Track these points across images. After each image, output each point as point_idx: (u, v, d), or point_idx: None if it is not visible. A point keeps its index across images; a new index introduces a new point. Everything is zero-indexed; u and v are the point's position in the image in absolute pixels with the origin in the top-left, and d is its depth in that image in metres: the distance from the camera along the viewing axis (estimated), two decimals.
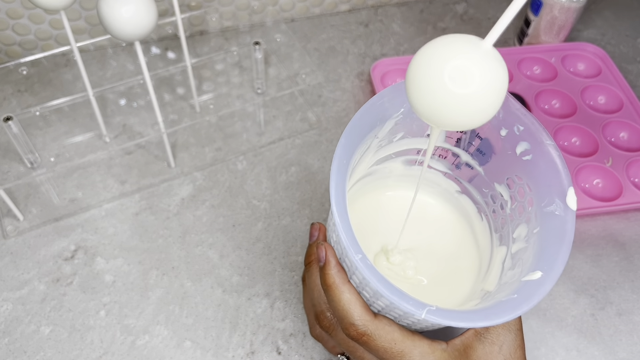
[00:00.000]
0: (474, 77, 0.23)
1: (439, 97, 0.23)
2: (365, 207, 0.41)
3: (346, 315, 0.31)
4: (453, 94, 0.23)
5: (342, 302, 0.32)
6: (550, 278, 0.28)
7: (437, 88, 0.23)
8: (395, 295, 0.27)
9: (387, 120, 0.34)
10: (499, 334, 0.32)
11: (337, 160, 0.30)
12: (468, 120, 0.24)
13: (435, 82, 0.23)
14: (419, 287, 0.38)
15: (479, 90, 0.23)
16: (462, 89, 0.23)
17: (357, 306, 0.31)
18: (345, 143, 0.31)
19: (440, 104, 0.23)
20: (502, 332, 0.32)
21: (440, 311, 0.27)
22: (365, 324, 0.31)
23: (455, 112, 0.24)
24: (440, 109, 0.24)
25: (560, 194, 0.31)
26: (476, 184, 0.39)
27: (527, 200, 0.33)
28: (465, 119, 0.24)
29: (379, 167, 0.40)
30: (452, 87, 0.23)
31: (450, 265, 0.39)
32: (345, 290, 0.32)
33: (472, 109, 0.24)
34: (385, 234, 0.40)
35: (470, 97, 0.23)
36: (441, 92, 0.23)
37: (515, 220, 0.35)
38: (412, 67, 0.24)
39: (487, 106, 0.24)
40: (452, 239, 0.41)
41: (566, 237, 0.29)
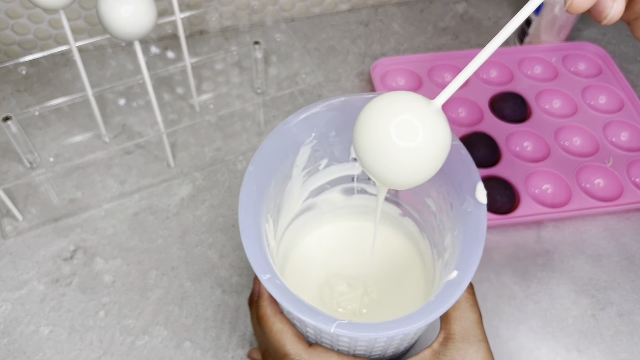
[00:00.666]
0: (418, 132, 0.23)
1: (385, 149, 0.23)
2: (313, 241, 0.41)
3: (279, 346, 0.31)
4: (398, 146, 0.23)
5: (274, 333, 0.31)
6: (467, 275, 0.28)
7: (383, 139, 0.23)
8: (304, 313, 0.27)
9: (300, 147, 0.35)
10: (459, 348, 0.30)
11: (245, 188, 0.30)
12: (411, 175, 0.25)
13: (382, 134, 0.23)
14: (370, 314, 0.38)
15: (423, 145, 0.23)
16: (407, 143, 0.23)
17: (288, 335, 0.31)
18: (253, 171, 0.31)
19: (385, 156, 0.24)
20: (461, 345, 0.30)
21: (351, 325, 0.27)
22: (298, 353, 0.30)
23: (399, 166, 0.24)
24: (384, 162, 0.24)
25: (471, 190, 0.31)
26: (412, 204, 0.39)
27: (449, 205, 0.33)
28: (409, 172, 0.24)
29: (317, 199, 0.40)
30: (397, 140, 0.23)
31: (399, 286, 0.40)
32: (277, 320, 0.31)
33: (416, 163, 0.24)
34: (335, 266, 0.40)
35: (414, 150, 0.23)
36: (387, 143, 0.23)
37: (444, 230, 0.34)
38: (361, 118, 0.25)
39: (429, 162, 0.24)
40: (399, 261, 0.41)
41: (480, 232, 0.29)
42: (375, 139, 0.24)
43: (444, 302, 0.27)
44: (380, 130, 0.23)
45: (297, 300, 0.27)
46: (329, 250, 0.41)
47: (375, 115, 0.24)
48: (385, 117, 0.24)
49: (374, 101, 0.25)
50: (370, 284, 0.39)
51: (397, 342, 0.32)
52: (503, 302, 0.45)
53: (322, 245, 0.41)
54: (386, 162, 0.24)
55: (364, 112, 0.25)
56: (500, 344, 0.43)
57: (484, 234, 0.29)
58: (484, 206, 0.30)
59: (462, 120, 0.56)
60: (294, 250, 0.41)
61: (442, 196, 0.34)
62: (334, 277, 0.39)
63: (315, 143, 0.35)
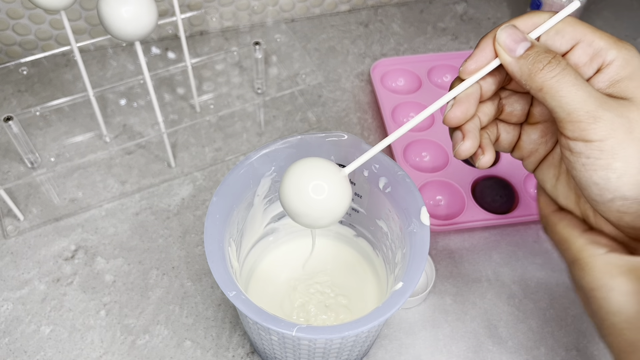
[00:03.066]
0: (325, 190, 0.31)
1: (303, 199, 0.31)
2: (275, 259, 0.45)
3: None
4: (312, 199, 0.31)
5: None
6: (410, 286, 0.32)
7: (302, 193, 0.31)
8: (268, 322, 0.30)
9: (262, 179, 0.39)
10: None
11: (210, 217, 0.35)
12: (321, 217, 0.32)
13: (302, 190, 0.31)
14: (326, 322, 0.42)
15: (328, 199, 0.31)
16: (317, 196, 0.31)
17: None
18: (217, 201, 0.36)
19: (303, 204, 0.31)
20: None
21: (309, 328, 0.30)
22: None
23: (312, 211, 0.31)
24: (303, 207, 0.31)
25: (416, 213, 0.35)
26: (365, 225, 0.43)
27: (398, 227, 0.37)
28: (320, 216, 0.31)
29: (278, 224, 0.44)
30: (313, 194, 0.31)
31: (354, 299, 0.43)
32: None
33: (324, 210, 0.31)
34: (294, 280, 0.44)
35: (322, 202, 0.31)
36: (305, 196, 0.31)
37: (396, 248, 0.38)
38: (286, 178, 0.32)
39: (333, 210, 0.31)
40: (355, 276, 0.44)
41: (423, 250, 0.33)
42: (297, 193, 0.31)
43: (389, 308, 0.31)
44: (302, 187, 0.31)
45: (262, 311, 0.31)
46: (289, 266, 0.45)
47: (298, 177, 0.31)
48: (305, 179, 0.31)
49: (298, 164, 0.32)
50: (327, 295, 0.43)
51: (350, 344, 0.35)
52: (502, 301, 0.45)
53: (282, 262, 0.45)
54: (304, 208, 0.31)
55: (290, 173, 0.32)
56: (499, 343, 0.43)
57: (426, 251, 0.33)
58: (427, 227, 0.34)
59: None
60: (258, 268, 0.44)
61: (392, 219, 0.38)
62: (293, 290, 0.43)
63: (275, 175, 0.39)
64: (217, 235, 0.34)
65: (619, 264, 0.27)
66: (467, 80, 0.30)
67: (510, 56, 0.28)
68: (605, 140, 0.27)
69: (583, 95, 0.27)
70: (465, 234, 0.49)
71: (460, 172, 0.52)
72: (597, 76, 0.29)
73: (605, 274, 0.28)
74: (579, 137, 0.27)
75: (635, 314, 0.26)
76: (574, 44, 0.29)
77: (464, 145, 0.30)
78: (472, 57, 0.30)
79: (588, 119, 0.27)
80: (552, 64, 0.27)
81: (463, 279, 0.46)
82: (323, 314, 0.42)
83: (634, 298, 0.26)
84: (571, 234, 0.31)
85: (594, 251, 0.29)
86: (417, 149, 0.54)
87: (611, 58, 0.28)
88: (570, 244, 0.30)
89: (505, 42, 0.28)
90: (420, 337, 0.43)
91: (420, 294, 0.44)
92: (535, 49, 0.28)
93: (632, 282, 0.27)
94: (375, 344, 0.43)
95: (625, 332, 0.26)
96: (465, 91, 0.30)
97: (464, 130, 0.31)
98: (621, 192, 0.27)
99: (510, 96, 0.33)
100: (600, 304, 0.28)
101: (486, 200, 0.50)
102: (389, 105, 0.57)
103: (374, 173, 0.38)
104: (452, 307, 0.45)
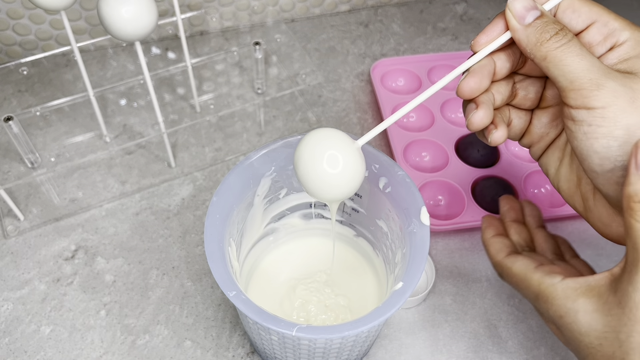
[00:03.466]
0: (340, 163, 0.31)
1: (318, 173, 0.31)
2: (275, 259, 0.45)
3: None
4: (327, 172, 0.31)
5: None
6: (410, 286, 0.32)
7: (317, 167, 0.31)
8: (268, 322, 0.30)
9: (261, 179, 0.39)
10: None
11: (210, 217, 0.35)
12: (336, 191, 0.31)
13: (316, 163, 0.31)
14: (326, 323, 0.42)
15: (343, 172, 0.31)
16: (333, 170, 0.31)
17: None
18: (217, 201, 0.36)
19: (318, 178, 0.31)
20: None
21: (309, 328, 0.30)
22: None
23: (327, 185, 0.31)
24: (317, 182, 0.31)
25: (416, 214, 0.35)
26: (365, 225, 0.43)
27: (398, 227, 0.37)
28: (334, 190, 0.31)
29: (278, 224, 0.44)
30: (327, 167, 0.31)
31: (354, 299, 0.43)
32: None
33: (339, 184, 0.31)
34: (294, 280, 0.43)
35: (337, 175, 0.31)
36: (320, 169, 0.31)
37: (395, 248, 0.38)
38: (300, 149, 0.31)
39: (348, 183, 0.31)
40: (355, 276, 0.44)
41: (423, 249, 0.33)
42: (311, 164, 0.31)
43: (389, 308, 0.31)
44: (316, 158, 0.31)
45: (262, 311, 0.31)
46: (289, 267, 0.45)
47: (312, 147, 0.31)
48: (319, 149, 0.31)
49: (312, 134, 0.31)
50: (327, 295, 0.43)
51: (350, 344, 0.35)
52: (502, 301, 0.45)
53: (282, 262, 0.45)
54: (317, 181, 0.31)
55: (304, 142, 0.31)
56: (499, 343, 0.43)
57: (426, 251, 0.33)
58: (427, 227, 0.34)
59: (461, 121, 0.57)
60: (258, 268, 0.44)
61: (392, 219, 0.38)
62: (293, 290, 0.43)
63: (275, 175, 0.39)
64: (217, 235, 0.35)
65: (576, 287, 0.28)
66: (479, 53, 0.30)
67: (519, 23, 0.29)
68: (608, 107, 0.27)
69: (587, 64, 0.27)
70: (465, 234, 0.49)
71: (460, 172, 0.52)
72: (608, 54, 0.29)
73: (567, 299, 0.28)
74: (581, 104, 0.27)
75: (604, 327, 0.27)
76: (589, 24, 0.30)
77: (477, 114, 0.30)
78: (484, 31, 0.30)
79: (591, 86, 0.27)
80: (559, 34, 0.28)
81: (463, 279, 0.46)
82: (323, 314, 0.42)
83: (598, 314, 0.27)
84: (527, 271, 0.32)
85: (551, 280, 0.30)
86: (417, 149, 0.54)
87: (624, 38, 0.29)
88: (529, 281, 0.31)
89: (516, 8, 0.29)
90: (420, 337, 0.43)
91: (420, 294, 0.44)
92: (544, 18, 0.28)
93: (593, 300, 0.27)
94: (375, 344, 0.43)
95: (601, 348, 0.27)
96: (478, 63, 0.30)
97: (477, 101, 0.31)
98: (622, 162, 0.27)
99: (524, 80, 0.33)
100: (571, 329, 0.28)
101: (486, 200, 0.50)
102: (389, 105, 0.57)
103: (374, 173, 0.38)
104: (452, 307, 0.45)
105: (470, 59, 0.30)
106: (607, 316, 0.27)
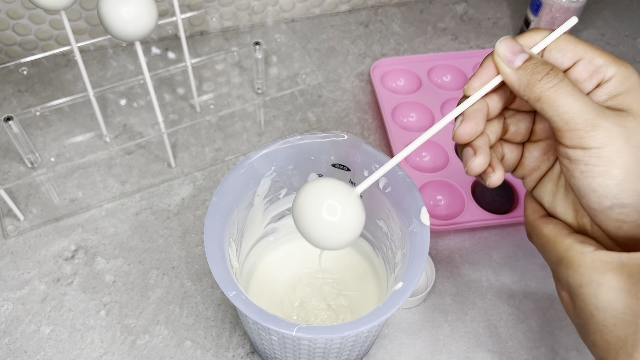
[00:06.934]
0: (338, 211, 0.30)
1: (316, 221, 0.30)
2: (275, 259, 0.45)
3: None
4: (325, 220, 0.30)
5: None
6: (411, 286, 0.32)
7: (315, 215, 0.30)
8: (268, 322, 0.30)
9: (261, 179, 0.39)
10: None
11: (210, 217, 0.35)
12: (335, 240, 0.31)
13: (315, 211, 0.30)
14: (325, 322, 0.42)
15: (341, 220, 0.30)
16: (331, 217, 0.30)
17: None
18: (217, 201, 0.36)
19: (315, 226, 0.30)
20: None
21: (309, 328, 0.30)
22: None
23: (325, 234, 0.30)
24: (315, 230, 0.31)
25: (416, 214, 0.35)
26: (365, 225, 0.43)
27: (398, 227, 0.37)
28: (333, 239, 0.31)
29: (278, 224, 0.44)
30: (326, 215, 0.30)
31: (354, 299, 0.43)
32: None
33: (337, 233, 0.30)
34: (293, 280, 0.44)
35: (335, 224, 0.30)
36: (318, 218, 0.30)
37: (396, 248, 0.38)
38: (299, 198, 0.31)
39: (346, 232, 0.31)
40: (355, 276, 0.44)
41: (423, 250, 0.33)
42: (310, 213, 0.30)
43: (389, 308, 0.31)
44: (315, 207, 0.30)
45: (262, 311, 0.31)
46: (289, 266, 0.45)
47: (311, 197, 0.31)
48: (318, 199, 0.30)
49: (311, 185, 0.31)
50: (327, 295, 0.43)
51: (350, 344, 0.35)
52: (502, 301, 0.45)
53: (282, 262, 0.45)
54: (317, 230, 0.30)
55: (303, 192, 0.31)
56: (499, 343, 0.43)
57: (426, 251, 0.33)
58: (427, 227, 0.34)
59: None
60: (258, 268, 0.44)
61: (392, 219, 0.38)
62: (293, 290, 0.43)
63: (275, 175, 0.39)
64: (217, 235, 0.35)
65: (608, 261, 0.27)
66: (473, 96, 0.30)
67: (509, 67, 0.29)
68: (604, 147, 0.27)
69: (581, 104, 0.27)
70: (465, 234, 0.49)
71: (460, 172, 0.52)
72: (596, 91, 0.29)
73: (594, 270, 0.28)
74: (577, 144, 0.27)
75: (625, 308, 0.26)
76: (575, 61, 0.30)
77: (476, 161, 0.30)
78: (476, 75, 0.30)
79: (586, 126, 0.27)
80: (550, 75, 0.28)
81: (463, 279, 0.46)
82: (323, 314, 0.42)
83: (623, 294, 0.26)
84: (558, 235, 0.31)
85: (582, 249, 0.29)
86: (417, 149, 0.54)
87: (610, 74, 0.29)
88: (557, 244, 0.30)
89: (504, 53, 0.29)
90: (420, 337, 0.43)
91: (420, 294, 0.44)
92: (533, 60, 0.29)
93: (622, 278, 0.27)
94: (375, 344, 0.43)
95: (614, 328, 0.26)
96: (472, 107, 0.30)
97: (474, 147, 0.31)
98: (620, 199, 0.27)
99: (514, 115, 0.33)
100: (588, 301, 0.28)
101: (486, 200, 0.50)
102: (389, 105, 0.57)
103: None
104: (452, 307, 0.45)
105: (464, 103, 0.30)
106: (632, 298, 0.26)
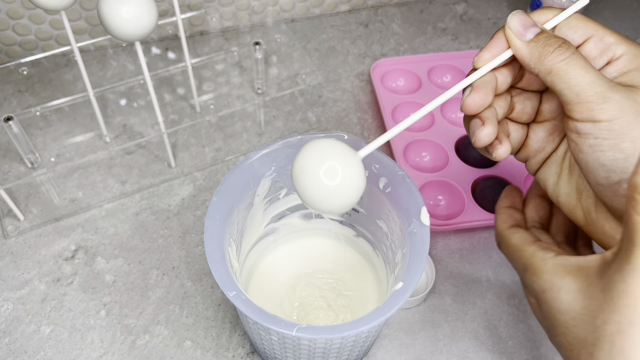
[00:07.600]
0: (338, 174, 0.29)
1: (315, 185, 0.30)
2: (275, 259, 0.45)
3: None
4: (324, 185, 0.29)
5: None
6: (411, 286, 0.32)
7: (314, 179, 0.29)
8: (268, 322, 0.30)
9: (262, 179, 0.39)
10: None
11: (210, 217, 0.35)
12: (334, 204, 0.30)
13: (313, 174, 0.29)
14: (325, 323, 0.42)
15: (341, 185, 0.29)
16: (331, 182, 0.29)
17: None
18: (217, 201, 0.36)
19: (315, 190, 0.30)
20: None
21: (309, 328, 0.30)
22: None
23: (325, 198, 0.30)
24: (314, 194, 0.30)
25: (416, 214, 0.35)
26: (365, 225, 0.43)
27: (398, 227, 0.37)
28: (332, 203, 0.30)
29: (278, 224, 0.44)
30: (325, 179, 0.29)
31: (354, 299, 0.43)
32: None
33: (337, 197, 0.30)
34: (294, 280, 0.44)
35: (335, 188, 0.29)
36: (317, 181, 0.29)
37: (396, 248, 0.38)
38: (298, 159, 0.30)
39: (346, 197, 0.30)
40: (355, 276, 0.44)
41: (423, 250, 0.33)
42: (309, 176, 0.30)
43: (389, 308, 0.31)
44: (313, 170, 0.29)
45: (262, 311, 0.31)
46: (289, 267, 0.44)
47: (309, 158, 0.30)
48: (316, 160, 0.29)
49: (310, 145, 0.30)
50: (327, 295, 0.43)
51: (350, 344, 0.35)
52: (502, 301, 0.45)
53: (282, 262, 0.45)
54: (316, 193, 0.30)
55: (302, 154, 0.30)
56: (499, 343, 0.43)
57: (426, 251, 0.33)
58: (427, 227, 0.34)
59: (460, 121, 0.57)
60: (258, 268, 0.44)
61: (392, 219, 0.38)
62: (293, 290, 0.43)
63: (275, 175, 0.39)
64: (217, 235, 0.35)
65: (567, 265, 0.28)
66: (482, 68, 0.30)
67: (520, 40, 0.29)
68: (614, 120, 0.27)
69: (592, 77, 0.27)
70: (465, 234, 0.49)
71: (460, 172, 0.52)
72: (606, 67, 0.30)
73: (555, 275, 0.28)
74: (587, 117, 0.27)
75: (582, 309, 0.27)
76: (585, 39, 0.30)
77: (484, 130, 0.30)
78: (487, 47, 0.30)
79: (597, 99, 0.27)
80: (562, 47, 0.28)
81: (463, 279, 0.46)
82: (323, 314, 0.42)
83: (580, 295, 0.27)
84: (524, 243, 0.32)
85: (544, 255, 0.30)
86: (417, 149, 0.54)
87: (621, 52, 0.29)
88: (522, 252, 0.32)
89: (515, 27, 0.29)
90: (420, 337, 0.43)
91: (420, 294, 0.44)
92: (545, 34, 0.29)
93: (579, 280, 0.27)
94: (375, 344, 0.43)
95: (574, 329, 0.27)
96: (481, 79, 0.30)
97: (482, 117, 0.31)
98: (628, 174, 0.27)
99: (521, 94, 0.33)
100: (551, 305, 0.28)
101: (486, 200, 0.50)
102: (389, 105, 0.57)
103: (374, 173, 0.38)
104: (452, 307, 0.45)
105: (473, 74, 0.30)
106: (588, 299, 0.26)
